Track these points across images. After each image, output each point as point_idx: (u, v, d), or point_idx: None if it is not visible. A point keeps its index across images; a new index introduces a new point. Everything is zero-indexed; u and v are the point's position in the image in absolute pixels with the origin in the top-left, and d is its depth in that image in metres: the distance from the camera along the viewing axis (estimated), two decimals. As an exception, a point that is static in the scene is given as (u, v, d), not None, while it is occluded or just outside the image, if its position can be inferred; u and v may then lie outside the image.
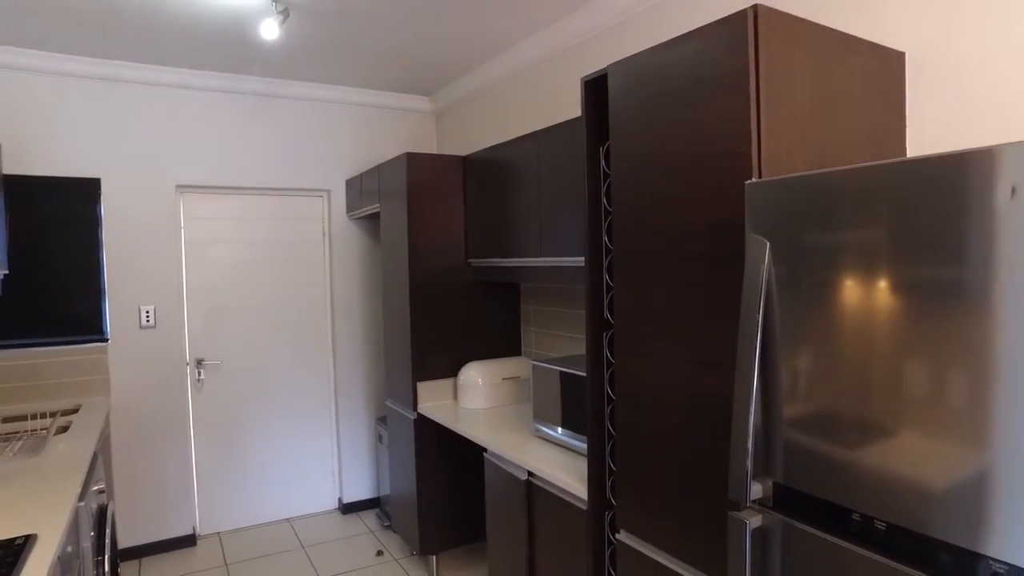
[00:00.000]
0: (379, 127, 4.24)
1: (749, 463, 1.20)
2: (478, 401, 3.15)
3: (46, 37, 3.07)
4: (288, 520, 4.11)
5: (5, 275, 2.86)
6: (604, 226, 1.92)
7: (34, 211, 3.34)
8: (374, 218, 4.18)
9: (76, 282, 3.46)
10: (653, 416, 1.69)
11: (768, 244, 1.20)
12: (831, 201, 1.11)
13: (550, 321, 3.30)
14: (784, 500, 1.23)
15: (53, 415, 3.05)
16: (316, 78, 3.86)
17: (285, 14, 2.60)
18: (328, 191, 4.13)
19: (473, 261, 3.30)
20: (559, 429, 2.48)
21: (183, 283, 3.79)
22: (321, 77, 3.84)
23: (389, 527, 3.90)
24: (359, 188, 3.92)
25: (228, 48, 3.28)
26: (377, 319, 4.32)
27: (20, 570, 1.50)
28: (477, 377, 3.16)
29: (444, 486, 3.31)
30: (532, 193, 2.78)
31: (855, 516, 1.10)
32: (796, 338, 1.18)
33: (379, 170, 3.57)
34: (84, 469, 2.29)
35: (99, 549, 2.32)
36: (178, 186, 3.72)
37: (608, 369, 1.95)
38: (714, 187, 1.45)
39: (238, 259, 3.95)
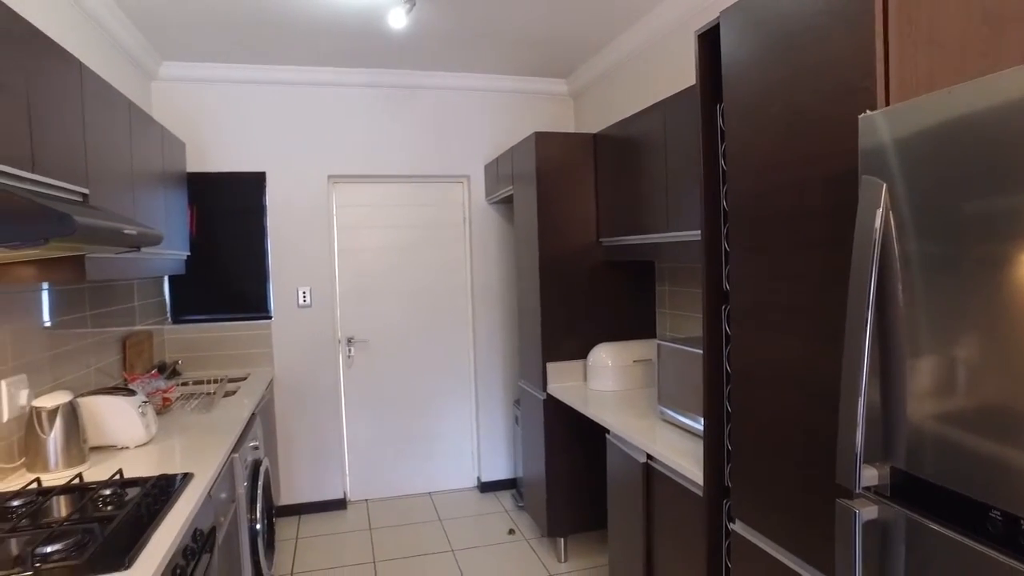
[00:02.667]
0: (517, 112, 4.28)
1: (859, 443, 1.03)
2: (607, 383, 3.07)
3: (216, 51, 3.45)
4: (429, 494, 4.29)
5: (188, 257, 3.25)
6: (722, 191, 1.77)
7: (212, 203, 3.78)
8: (510, 201, 4.22)
9: (246, 265, 3.87)
10: (767, 394, 1.52)
11: (885, 186, 1.02)
12: (977, 130, 0.91)
13: (685, 302, 3.12)
14: (904, 490, 1.04)
15: (220, 381, 3.42)
16: (453, 67, 3.97)
17: (412, 3, 2.69)
18: (467, 176, 4.24)
19: (604, 240, 3.22)
20: (683, 412, 2.34)
21: (335, 266, 4.09)
22: (458, 66, 3.95)
23: (523, 508, 3.94)
24: (495, 172, 3.98)
25: (369, 45, 3.47)
26: (515, 301, 4.37)
27: (177, 498, 1.71)
28: (607, 358, 3.08)
29: (573, 468, 3.27)
30: (659, 166, 2.64)
31: (994, 514, 0.90)
32: (927, 303, 0.99)
33: (512, 152, 3.60)
34: (240, 427, 2.54)
35: (253, 498, 2.58)
36: (330, 176, 4.02)
37: (727, 345, 1.79)
38: (832, 135, 1.27)
39: (385, 243, 4.18)
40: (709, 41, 1.74)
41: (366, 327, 4.18)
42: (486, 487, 4.31)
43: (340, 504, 4.08)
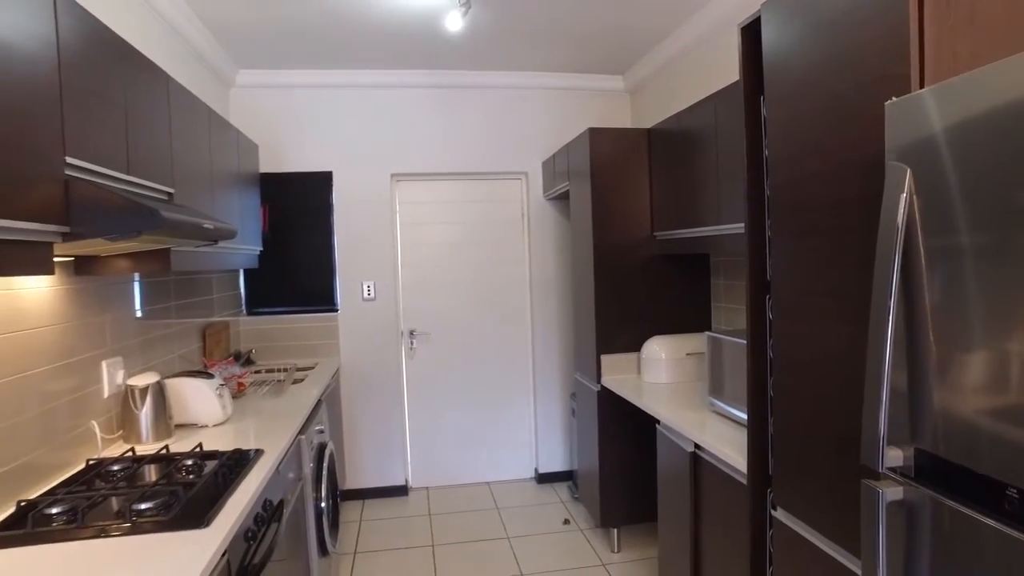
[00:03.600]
0: (574, 109, 4.33)
1: (883, 422, 1.06)
2: (660, 375, 3.10)
3: (287, 58, 3.66)
4: (487, 483, 4.41)
5: (261, 252, 3.47)
6: (766, 181, 1.79)
7: (283, 202, 4.01)
8: (567, 197, 4.29)
9: (315, 260, 4.08)
10: (808, 381, 1.54)
11: (908, 171, 1.04)
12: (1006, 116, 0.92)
13: (739, 296, 3.11)
14: (929, 471, 1.06)
15: (289, 369, 3.63)
16: (510, 67, 4.06)
17: (468, 6, 2.80)
18: (525, 173, 4.33)
19: (659, 234, 3.24)
20: (731, 402, 2.36)
21: (398, 261, 4.26)
22: (515, 65, 4.04)
23: (578, 499, 4.00)
24: (552, 169, 4.06)
25: (428, 48, 3.61)
26: (572, 296, 4.43)
27: (249, 470, 1.87)
28: (660, 351, 3.10)
29: (626, 460, 3.31)
30: (711, 159, 2.65)
31: (1011, 492, 0.91)
32: (951, 286, 1.00)
33: (567, 149, 3.67)
34: (307, 412, 2.72)
35: (318, 478, 2.74)
36: (393, 175, 4.19)
37: (771, 334, 1.81)
38: (869, 122, 1.28)
39: (445, 239, 4.32)
40: (752, 33, 1.76)
41: (427, 320, 4.33)
42: (543, 478, 4.39)
43: (402, 490, 4.25)
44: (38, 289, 1.83)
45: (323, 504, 2.71)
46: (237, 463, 1.91)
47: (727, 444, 2.10)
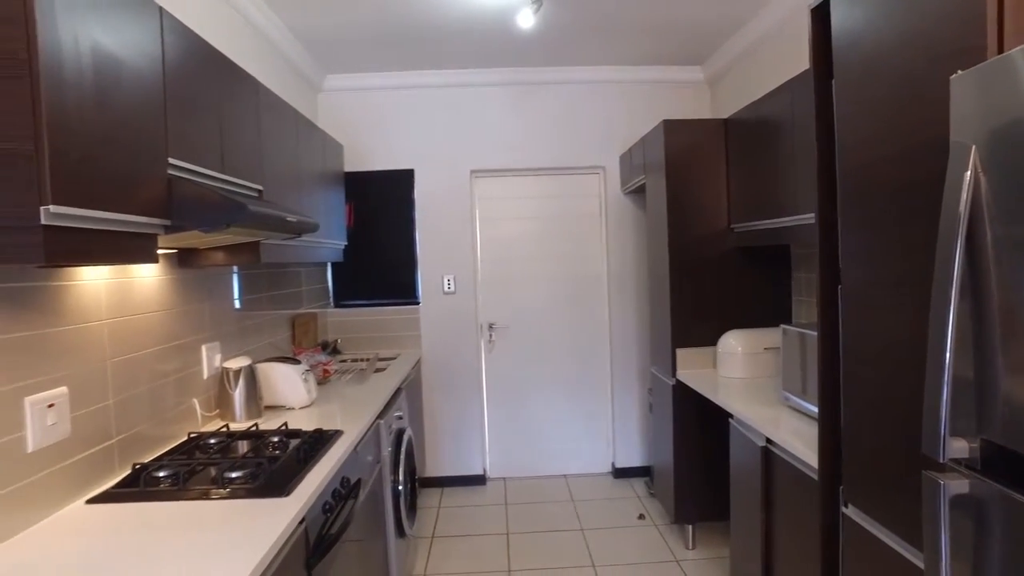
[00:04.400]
0: (652, 102, 4.29)
1: (944, 411, 1.02)
2: (736, 370, 3.03)
3: (371, 62, 3.84)
4: (564, 476, 4.45)
5: (346, 247, 3.67)
6: (836, 166, 1.73)
7: (367, 199, 4.21)
8: (644, 191, 4.25)
9: (397, 255, 4.25)
10: (878, 373, 1.49)
11: (973, 148, 1.00)
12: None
13: (821, 290, 3.00)
14: (997, 463, 1.01)
15: (371, 358, 3.81)
16: (584, 61, 4.08)
17: (539, 3, 2.84)
18: (603, 168, 4.33)
19: (736, 226, 3.18)
20: (805, 396, 2.29)
21: (477, 256, 4.37)
22: (589, 60, 4.05)
23: (654, 495, 3.97)
24: (629, 162, 4.04)
25: (502, 46, 3.69)
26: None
27: (328, 448, 2.01)
28: (736, 345, 3.04)
29: (702, 456, 3.26)
30: (787, 147, 2.58)
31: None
32: (1021, 269, 0.96)
33: (643, 142, 3.64)
34: (386, 398, 2.85)
35: (396, 462, 2.88)
36: (472, 171, 4.29)
37: (842, 325, 1.76)
38: (937, 100, 1.23)
39: (524, 234, 4.39)
40: (822, 14, 1.71)
41: (506, 314, 4.42)
42: (620, 473, 4.39)
43: (480, 480, 4.36)
44: (148, 279, 2.04)
45: (400, 487, 2.84)
46: (317, 441, 2.05)
47: (799, 439, 2.05)
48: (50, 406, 1.55)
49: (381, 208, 4.23)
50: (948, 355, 1.02)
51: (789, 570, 2.17)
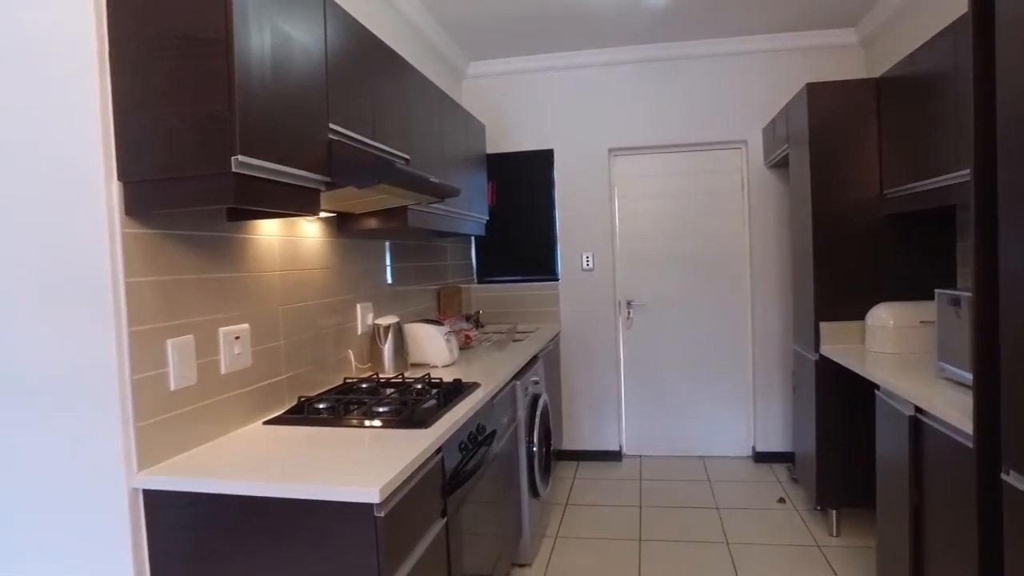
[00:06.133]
0: (798, 71, 4.07)
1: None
2: (887, 345, 2.84)
3: (511, 47, 4.00)
4: (702, 458, 4.37)
5: (488, 223, 3.86)
6: (998, 119, 1.59)
7: (508, 179, 4.39)
8: (788, 164, 4.06)
9: (537, 233, 4.40)
10: (1038, 323, 1.37)
11: None
12: None
13: (993, 261, 2.72)
14: None
15: (511, 328, 3.97)
16: (726, 33, 3.96)
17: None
18: (745, 142, 4.19)
19: (889, 192, 2.96)
20: (961, 365, 2.11)
21: (615, 233, 4.40)
22: (728, 31, 3.93)
23: (796, 480, 3.80)
24: (772, 134, 3.88)
25: (641, 22, 3.69)
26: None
27: (466, 396, 2.17)
28: (888, 318, 2.84)
29: (848, 436, 3.09)
30: (950, 99, 2.37)
31: None
32: None
33: (786, 110, 3.49)
34: (523, 361, 3.00)
35: (531, 425, 3.01)
36: (610, 149, 4.33)
37: (1001, 285, 1.62)
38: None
39: (662, 211, 4.36)
40: (980, -56, 1.58)
41: (644, 291, 4.42)
42: (760, 457, 4.24)
43: (615, 456, 4.40)
44: (312, 239, 2.31)
45: (535, 448, 2.97)
46: (456, 390, 2.22)
47: (952, 407, 1.91)
48: (236, 338, 1.83)
49: (522, 187, 4.40)
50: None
51: (943, 553, 2.02)
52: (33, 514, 1.52)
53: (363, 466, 1.46)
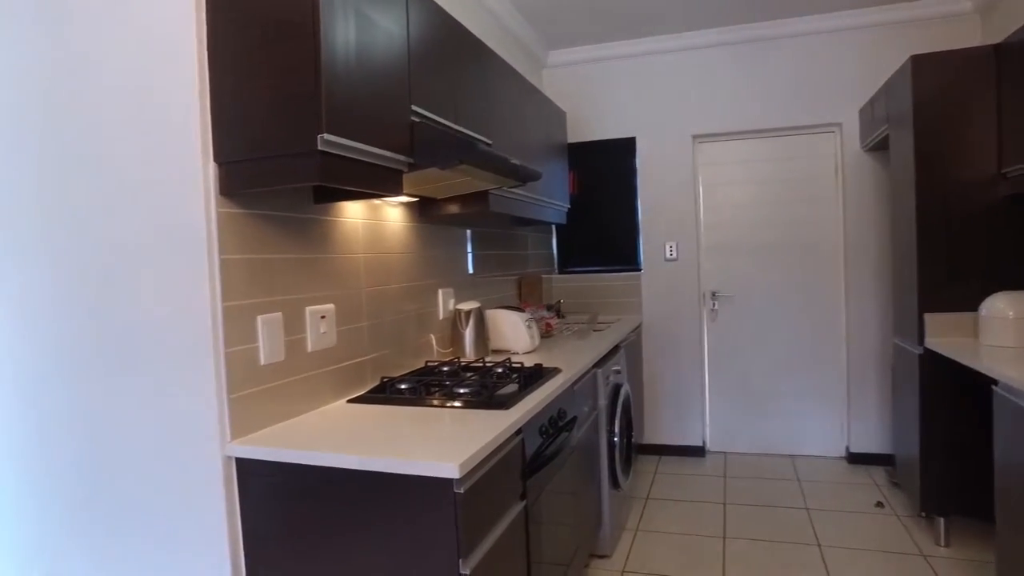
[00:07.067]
0: (900, 45, 3.79)
1: None
2: (1006, 337, 2.60)
3: (591, 33, 3.93)
4: (790, 456, 4.17)
5: (569, 212, 3.82)
6: None
7: (589, 168, 4.33)
8: (887, 146, 3.79)
9: (619, 222, 4.32)
10: None
11: None
12: None
13: None
14: None
15: (592, 317, 3.92)
16: (818, 9, 3.74)
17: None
18: (839, 124, 3.95)
19: (1009, 171, 2.71)
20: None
21: (699, 222, 4.26)
22: (824, 7, 3.71)
23: (897, 484, 3.56)
24: (870, 114, 3.64)
25: (724, 3, 3.55)
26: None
27: (546, 380, 2.15)
28: (1007, 309, 2.60)
29: (957, 437, 2.85)
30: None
31: None
32: None
33: (887, 87, 3.26)
34: (605, 349, 2.95)
35: (612, 415, 2.95)
36: (694, 136, 4.19)
37: None
38: None
39: (748, 199, 4.18)
40: None
41: (730, 282, 4.26)
42: (855, 458, 4.00)
43: (699, 451, 4.27)
44: (395, 223, 2.35)
45: (616, 439, 2.91)
46: (537, 374, 2.20)
47: (1085, 403, 1.72)
48: (322, 317, 1.88)
49: (603, 177, 4.33)
50: None
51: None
52: (139, 474, 1.61)
53: (443, 443, 1.47)
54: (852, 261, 3.96)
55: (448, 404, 1.84)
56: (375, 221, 2.22)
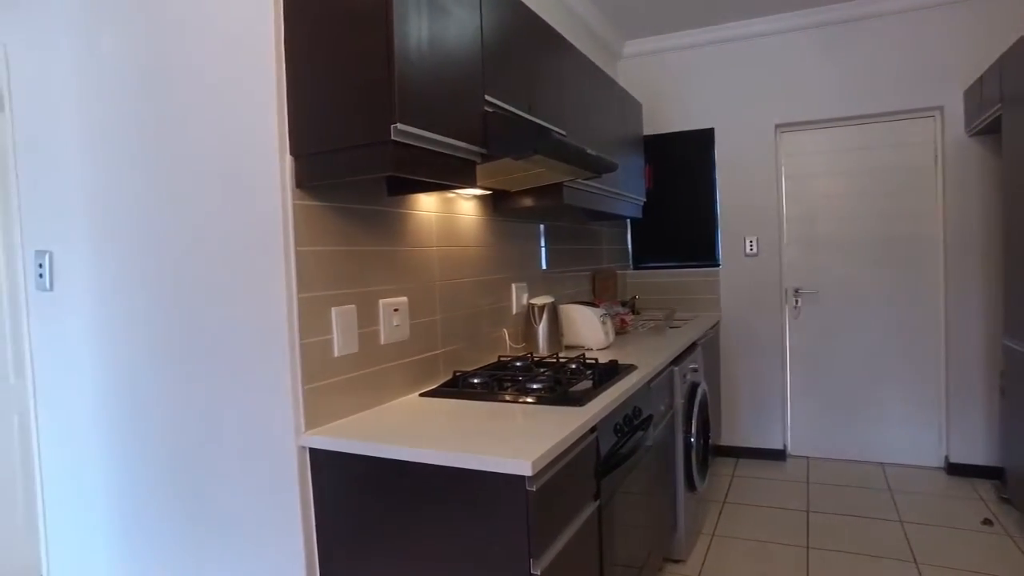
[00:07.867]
0: (1012, 21, 3.47)
1: None
2: None
3: (667, 22, 3.80)
4: (881, 464, 3.92)
5: (644, 205, 3.72)
6: None
7: (665, 161, 4.20)
8: (999, 129, 3.48)
9: (696, 216, 4.18)
10: None
11: None
12: None
13: None
14: None
15: (669, 313, 3.79)
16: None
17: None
18: (940, 108, 3.67)
19: None
20: None
21: (782, 216, 4.06)
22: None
23: (1008, 500, 3.27)
24: (979, 95, 3.35)
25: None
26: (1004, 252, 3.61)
27: (621, 377, 2.09)
28: None
29: (1078, 451, 2.59)
30: None
31: None
32: None
33: (1000, 64, 2.99)
34: (682, 346, 2.84)
35: (689, 415, 2.84)
36: (777, 125, 3.99)
37: None
38: None
39: (834, 191, 3.95)
40: None
41: (814, 278, 4.04)
42: (956, 469, 3.71)
43: (779, 455, 4.08)
44: (469, 216, 2.33)
45: (692, 439, 2.80)
46: (612, 371, 2.13)
47: None
48: (395, 310, 1.88)
49: (680, 169, 4.19)
50: None
51: None
52: (217, 461, 1.66)
53: (516, 439, 1.43)
54: (953, 256, 3.67)
55: (521, 400, 1.81)
56: (448, 214, 2.21)
